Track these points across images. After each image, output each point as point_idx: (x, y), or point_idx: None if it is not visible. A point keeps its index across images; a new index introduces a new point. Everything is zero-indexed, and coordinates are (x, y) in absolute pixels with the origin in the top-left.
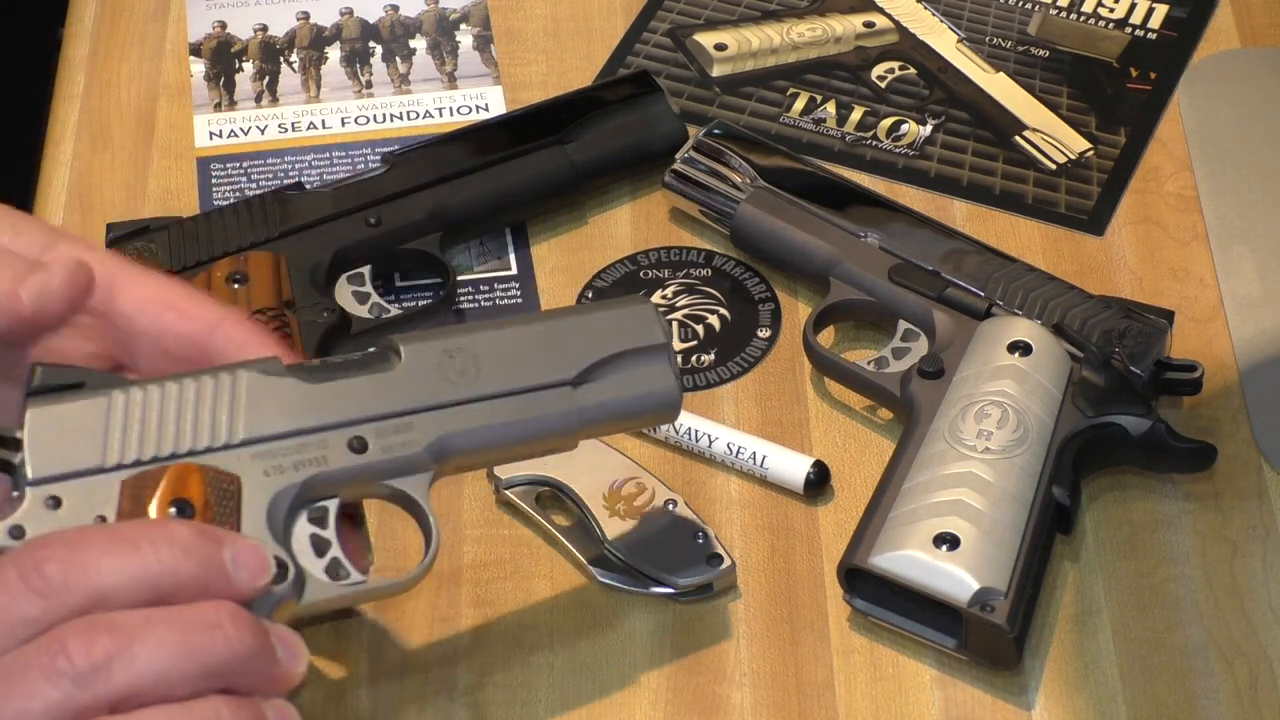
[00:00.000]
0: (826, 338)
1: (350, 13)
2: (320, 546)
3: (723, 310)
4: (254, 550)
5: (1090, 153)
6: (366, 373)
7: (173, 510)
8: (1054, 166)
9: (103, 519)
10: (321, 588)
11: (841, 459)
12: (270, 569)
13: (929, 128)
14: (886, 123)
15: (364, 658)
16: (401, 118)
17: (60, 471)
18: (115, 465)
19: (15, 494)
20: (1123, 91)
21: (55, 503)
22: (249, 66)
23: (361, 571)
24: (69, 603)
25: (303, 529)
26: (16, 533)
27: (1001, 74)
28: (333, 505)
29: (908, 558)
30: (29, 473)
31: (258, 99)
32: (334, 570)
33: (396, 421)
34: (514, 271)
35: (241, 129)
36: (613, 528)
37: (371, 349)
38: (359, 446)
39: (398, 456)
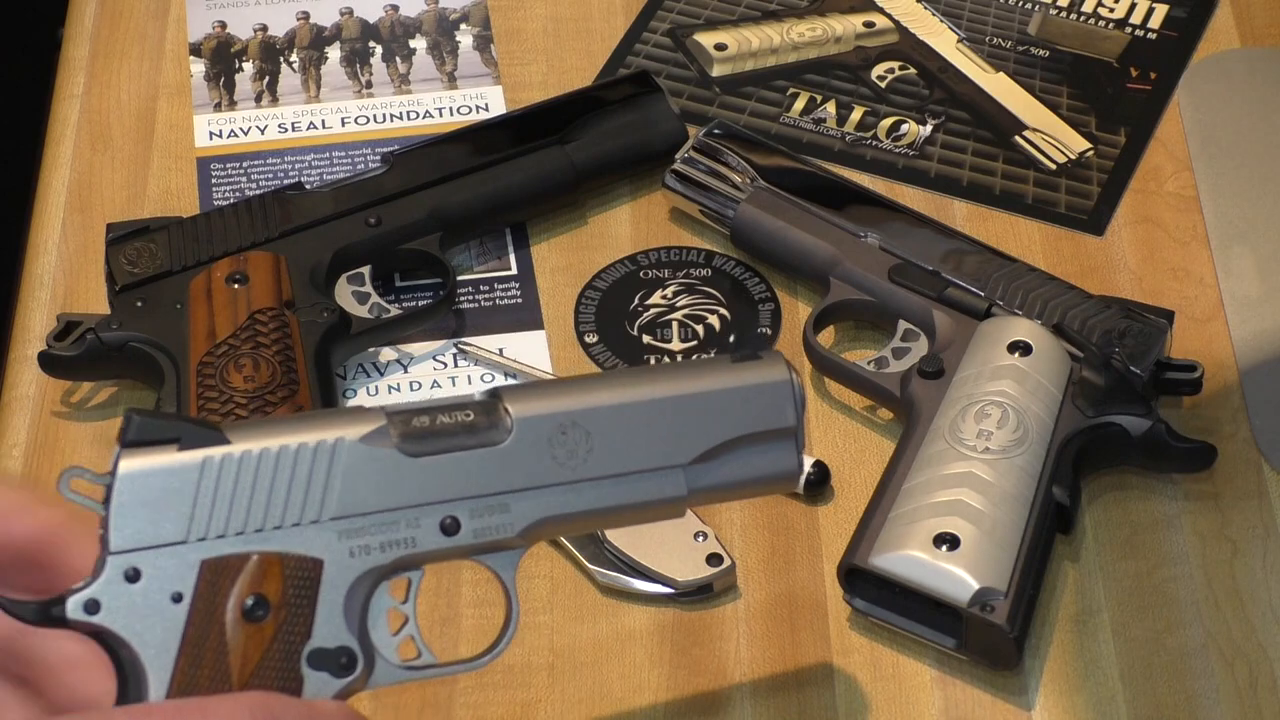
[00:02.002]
0: (826, 338)
1: (350, 13)
2: (395, 622)
3: (723, 310)
4: None
5: (1090, 153)
6: (471, 443)
7: (250, 602)
8: (1054, 166)
9: (179, 596)
10: (390, 671)
11: (841, 459)
12: None
13: (929, 128)
14: (886, 123)
15: None
16: (401, 118)
17: (142, 544)
18: (198, 539)
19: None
20: (1123, 91)
21: (134, 575)
22: (249, 66)
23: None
24: None
25: (382, 601)
26: (92, 608)
27: (1001, 74)
28: (415, 577)
29: (908, 558)
30: (111, 543)
31: (258, 99)
32: (406, 649)
33: (493, 501)
34: (514, 271)
35: (241, 129)
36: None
37: (481, 400)
38: (451, 527)
39: (490, 540)
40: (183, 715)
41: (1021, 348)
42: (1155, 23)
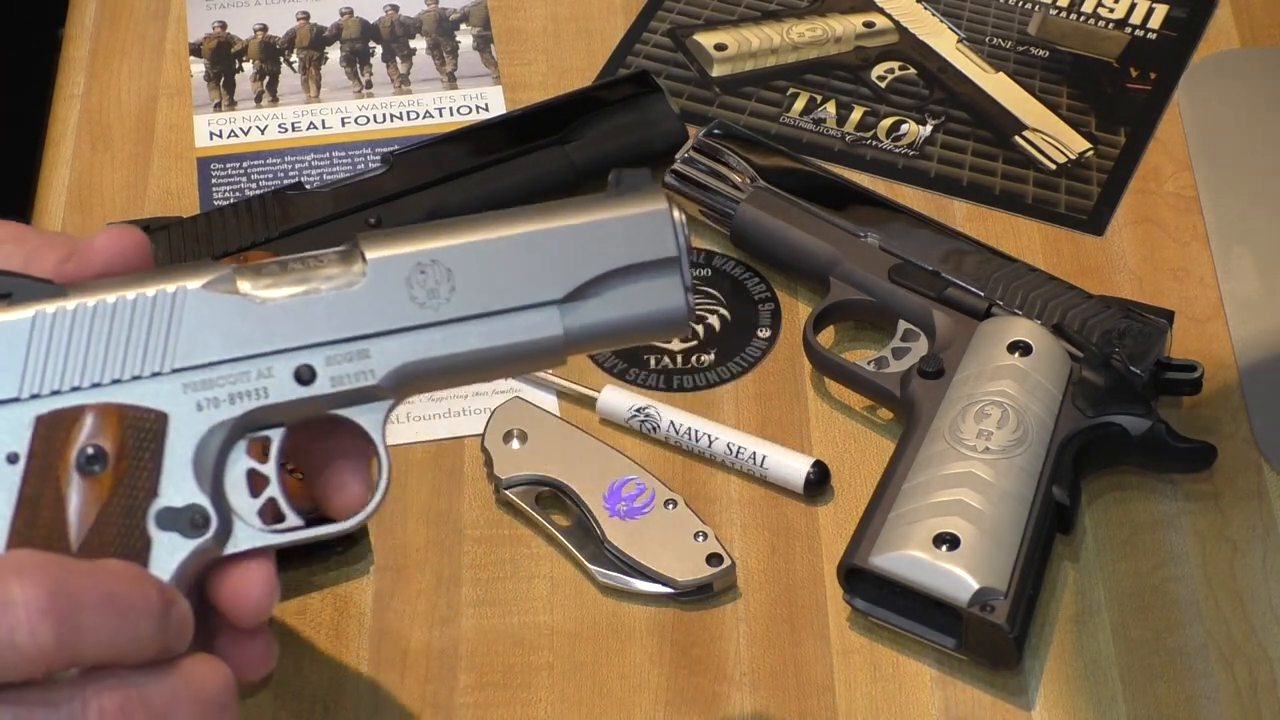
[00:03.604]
0: (826, 338)
1: (350, 13)
2: (257, 485)
3: (723, 310)
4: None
5: (1090, 153)
6: (323, 287)
7: (89, 453)
8: (1054, 166)
9: (14, 457)
10: (251, 534)
11: (841, 459)
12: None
13: (929, 128)
14: (886, 123)
15: (364, 658)
16: (401, 118)
17: None
18: (31, 395)
19: None
20: (1123, 91)
21: None
22: (249, 66)
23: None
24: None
25: (239, 462)
26: None
27: (1001, 74)
28: (277, 436)
29: (908, 558)
30: None
31: (258, 99)
32: (268, 513)
33: (350, 348)
34: None
35: (241, 129)
36: (613, 528)
37: (340, 249)
38: (306, 376)
39: (350, 389)
40: (107, 599)
41: (1021, 348)
42: (1155, 23)
